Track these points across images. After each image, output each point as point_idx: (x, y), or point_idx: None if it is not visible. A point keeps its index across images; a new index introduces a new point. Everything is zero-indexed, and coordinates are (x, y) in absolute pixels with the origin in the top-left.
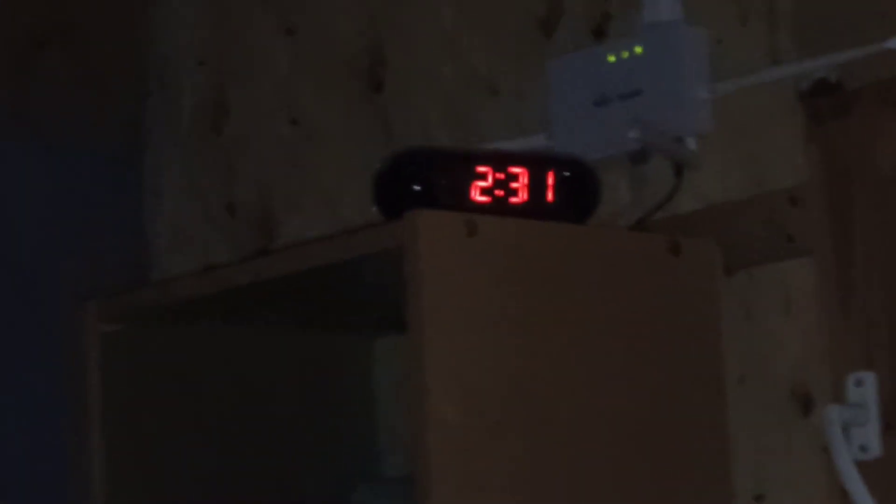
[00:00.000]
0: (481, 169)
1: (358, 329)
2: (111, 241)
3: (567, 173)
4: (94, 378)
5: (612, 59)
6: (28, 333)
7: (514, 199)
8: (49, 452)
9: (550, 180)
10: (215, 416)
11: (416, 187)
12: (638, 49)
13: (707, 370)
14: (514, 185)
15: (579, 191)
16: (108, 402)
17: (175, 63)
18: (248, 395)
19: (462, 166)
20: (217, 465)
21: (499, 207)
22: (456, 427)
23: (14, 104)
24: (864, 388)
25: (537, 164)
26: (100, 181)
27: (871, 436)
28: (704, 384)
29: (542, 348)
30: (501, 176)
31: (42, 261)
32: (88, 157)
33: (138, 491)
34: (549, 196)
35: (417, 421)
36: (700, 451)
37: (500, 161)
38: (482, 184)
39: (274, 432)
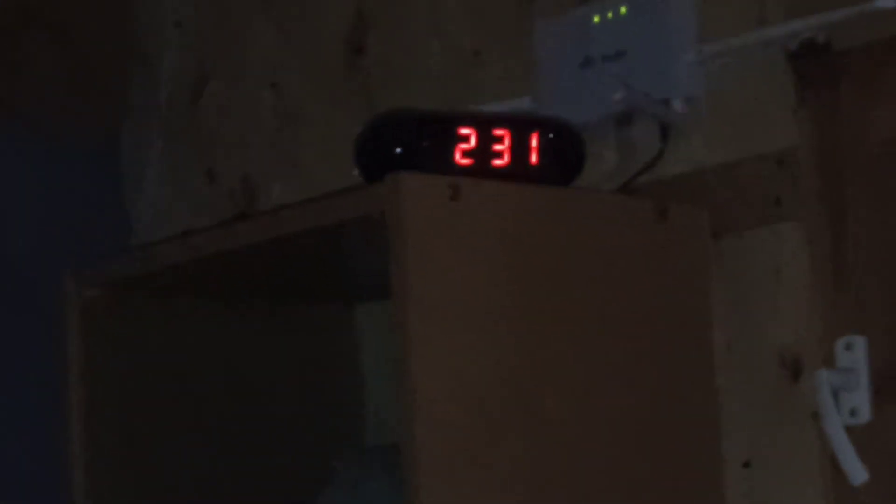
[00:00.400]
0: (464, 131)
1: (340, 295)
2: (92, 215)
3: (551, 135)
4: (74, 346)
5: (596, 19)
6: (11, 320)
7: (497, 162)
8: (46, 446)
9: (534, 142)
10: (196, 386)
11: (398, 150)
12: (623, 9)
13: (695, 336)
14: (497, 147)
15: (564, 153)
16: (88, 370)
17: (155, 33)
18: (230, 364)
19: (444, 128)
20: (200, 433)
21: (482, 170)
22: (442, 396)
23: None
24: (854, 352)
25: (521, 126)
26: (82, 163)
27: (861, 400)
28: (692, 350)
29: (526, 315)
30: (485, 138)
31: (25, 245)
32: (70, 140)
33: (118, 462)
34: (534, 158)
35: (403, 391)
36: (688, 418)
37: (483, 123)
38: (465, 146)
39: (258, 402)
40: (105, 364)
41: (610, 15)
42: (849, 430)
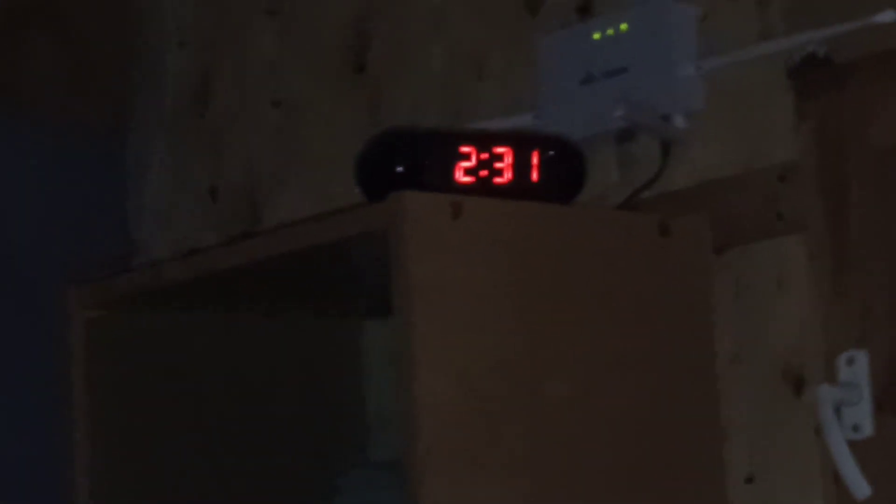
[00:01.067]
0: (465, 149)
1: (345, 312)
2: (95, 225)
3: (552, 152)
4: (78, 364)
5: (597, 36)
6: (11, 320)
7: (498, 180)
8: (46, 446)
9: (535, 160)
10: (203, 401)
11: (400, 168)
12: (623, 26)
13: (698, 350)
14: (498, 165)
15: (565, 170)
16: (92, 389)
17: (159, 44)
18: (236, 380)
19: (446, 147)
20: (205, 450)
21: (483, 188)
22: (446, 410)
23: None
24: (856, 366)
25: (522, 144)
26: (84, 164)
27: (863, 415)
28: (695, 364)
29: (530, 329)
30: (486, 156)
31: (25, 245)
32: (72, 141)
33: (124, 473)
34: (535, 176)
35: (407, 404)
36: (691, 432)
37: (484, 141)
38: (466, 164)
39: (262, 417)
40: (109, 381)
41: (611, 31)
42: (851, 444)
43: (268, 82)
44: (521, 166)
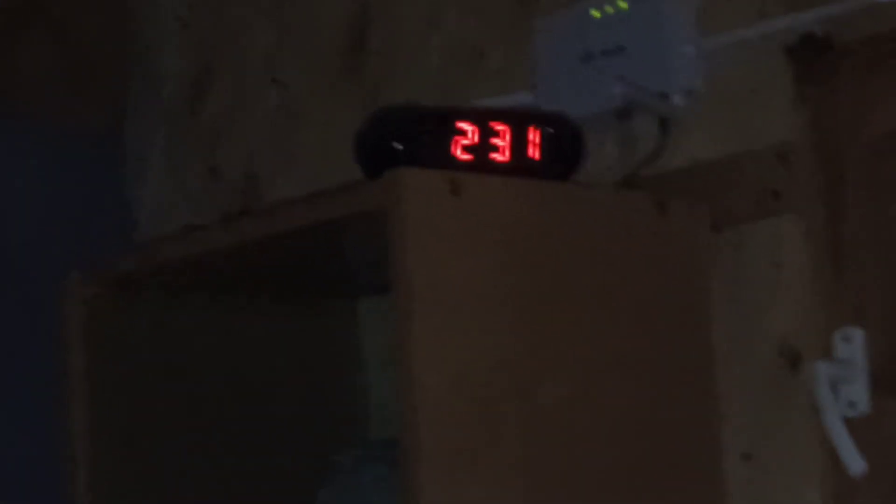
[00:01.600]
0: (463, 126)
1: (342, 290)
2: (95, 210)
3: (551, 130)
4: (74, 348)
5: (596, 14)
6: (11, 320)
7: (497, 157)
8: (46, 446)
9: (534, 137)
10: (198, 382)
11: (398, 145)
12: (623, 4)
13: (695, 328)
14: (496, 142)
15: (564, 148)
16: (90, 370)
17: (157, 31)
18: (232, 360)
19: (444, 123)
20: (201, 431)
21: (482, 165)
22: (442, 391)
23: None
24: (853, 344)
25: (520, 121)
26: (83, 163)
27: (859, 392)
28: (692, 342)
29: (528, 309)
30: (484, 133)
31: (25, 245)
32: (71, 140)
33: (121, 458)
34: (533, 153)
35: (403, 386)
36: (688, 410)
37: (482, 118)
38: (465, 141)
39: (259, 397)
40: (106, 360)
41: (609, 9)
42: (847, 421)
43: (266, 70)
44: (519, 143)
